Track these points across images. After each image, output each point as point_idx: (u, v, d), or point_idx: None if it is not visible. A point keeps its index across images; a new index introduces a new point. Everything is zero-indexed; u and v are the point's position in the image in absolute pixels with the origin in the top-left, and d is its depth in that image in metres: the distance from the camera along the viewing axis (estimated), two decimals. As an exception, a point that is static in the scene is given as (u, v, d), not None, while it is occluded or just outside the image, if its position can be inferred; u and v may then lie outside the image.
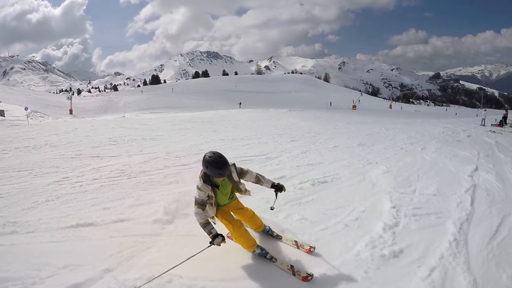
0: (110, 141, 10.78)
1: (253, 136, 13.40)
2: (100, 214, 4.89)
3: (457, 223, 4.91)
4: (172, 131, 14.60)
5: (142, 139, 11.53)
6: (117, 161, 8.14)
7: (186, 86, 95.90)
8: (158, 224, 4.60)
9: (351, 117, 28.80)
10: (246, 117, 23.92)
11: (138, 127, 15.85)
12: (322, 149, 10.53)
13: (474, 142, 14.80)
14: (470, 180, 7.48)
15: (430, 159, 9.51)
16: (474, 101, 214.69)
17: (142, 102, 57.23)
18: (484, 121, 26.62)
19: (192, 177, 6.81)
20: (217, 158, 3.39)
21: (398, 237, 4.40)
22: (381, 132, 16.71)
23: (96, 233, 4.34)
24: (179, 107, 49.33)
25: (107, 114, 42.29)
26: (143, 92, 79.41)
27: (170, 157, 8.72)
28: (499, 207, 5.84)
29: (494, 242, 4.47)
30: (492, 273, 3.74)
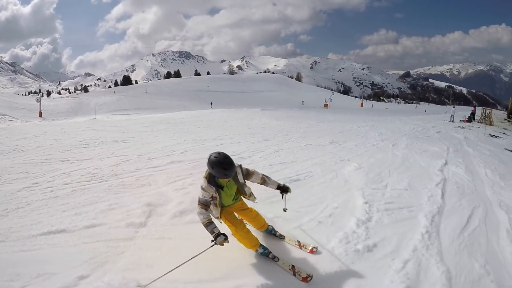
0: (81, 144, 10.48)
1: (225, 136, 13.34)
2: (72, 220, 4.73)
3: (429, 216, 5.07)
4: (144, 132, 14.33)
5: (114, 141, 11.26)
6: (88, 164, 7.92)
7: (158, 87, 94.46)
8: (131, 228, 4.52)
9: (323, 116, 29.11)
10: (219, 117, 23.80)
11: (109, 129, 15.46)
12: (294, 148, 10.59)
13: (443, 137, 15.31)
14: (440, 174, 7.75)
15: (401, 155, 9.74)
16: (443, 99, 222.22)
17: (113, 103, 56.06)
18: (453, 118, 27.54)
19: (165, 179, 6.77)
20: (222, 159, 3.38)
21: (372, 232, 4.48)
22: (353, 129, 16.96)
23: (68, 239, 4.21)
24: (151, 108, 48.62)
25: (78, 116, 41.15)
26: (115, 93, 77.50)
27: (142, 159, 8.57)
28: (469, 199, 6.09)
29: (465, 233, 4.65)
30: (465, 263, 3.88)
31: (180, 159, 8.52)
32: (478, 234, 4.64)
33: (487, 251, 4.22)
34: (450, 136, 16.07)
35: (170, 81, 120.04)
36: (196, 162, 8.22)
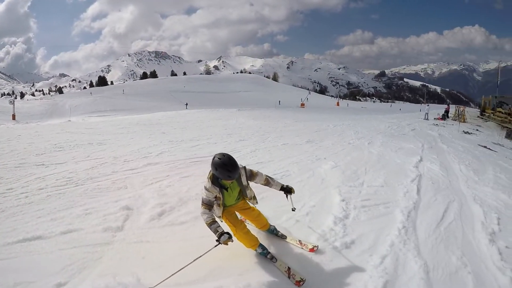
0: (56, 148, 10.14)
1: (202, 137, 13.22)
2: (48, 226, 4.56)
3: (405, 212, 5.18)
4: (120, 134, 14.03)
5: (89, 144, 10.98)
6: (63, 168, 7.68)
7: (134, 88, 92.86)
8: (108, 232, 4.41)
9: (300, 115, 29.27)
10: (195, 117, 23.58)
11: (84, 131, 15.05)
12: (271, 147, 10.60)
13: (418, 135, 15.72)
14: (415, 170, 7.94)
15: (377, 153, 9.92)
16: (418, 97, 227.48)
17: (89, 104, 54.65)
18: (427, 115, 28.25)
19: (141, 181, 6.65)
20: (226, 160, 3.36)
21: (349, 229, 4.53)
22: (329, 128, 17.13)
23: (45, 246, 4.05)
24: (127, 109, 47.72)
25: (52, 118, 39.99)
26: (92, 94, 75.71)
27: (118, 161, 8.39)
28: (444, 194, 6.27)
29: (441, 227, 4.79)
30: (441, 256, 3.99)
31: (156, 161, 8.40)
32: (454, 228, 4.79)
33: (463, 243, 4.35)
34: (424, 134, 16.51)
35: (146, 82, 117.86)
36: (173, 164, 8.12)
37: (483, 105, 34.29)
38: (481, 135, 19.74)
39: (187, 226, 4.62)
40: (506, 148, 16.07)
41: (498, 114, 29.83)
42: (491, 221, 5.11)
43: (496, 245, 4.31)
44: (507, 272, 3.72)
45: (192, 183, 6.46)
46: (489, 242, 4.38)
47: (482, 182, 7.59)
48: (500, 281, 3.61)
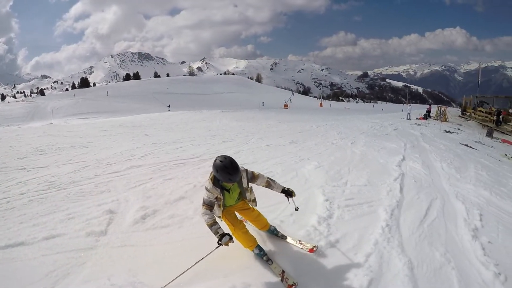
0: (37, 151, 9.94)
1: (185, 138, 13.13)
2: (31, 231, 4.46)
3: (388, 210, 5.24)
4: (103, 137, 13.84)
5: (71, 147, 10.78)
6: (45, 172, 7.52)
7: (117, 89, 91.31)
8: (91, 237, 4.35)
9: (283, 116, 29.34)
10: (179, 119, 23.43)
11: (66, 134, 14.80)
12: (255, 149, 10.62)
13: (400, 134, 15.92)
14: (398, 169, 8.04)
15: (360, 153, 10.00)
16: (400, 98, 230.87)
17: (71, 107, 53.40)
18: (410, 115, 28.68)
19: (125, 184, 6.57)
20: (228, 163, 3.37)
21: (333, 228, 4.55)
22: (312, 129, 17.19)
23: (27, 252, 3.97)
24: (109, 112, 46.89)
25: (34, 121, 38.96)
26: (75, 96, 74.09)
27: (101, 165, 8.27)
28: (426, 192, 6.38)
29: (424, 224, 4.86)
30: (425, 253, 4.06)
31: (139, 164, 8.31)
32: (437, 225, 4.88)
33: (447, 240, 4.43)
34: (407, 133, 16.74)
35: (129, 83, 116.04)
36: (156, 166, 8.05)
37: (464, 105, 34.91)
38: (462, 134, 20.12)
39: (171, 229, 4.59)
40: (487, 146, 16.43)
41: (479, 113, 30.51)
42: (474, 217, 5.22)
43: (479, 240, 4.40)
44: (490, 267, 3.80)
45: (176, 186, 6.44)
46: (472, 238, 4.47)
47: (464, 180, 7.76)
48: (484, 275, 3.69)
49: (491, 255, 4.07)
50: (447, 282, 3.55)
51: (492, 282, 3.60)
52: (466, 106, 33.94)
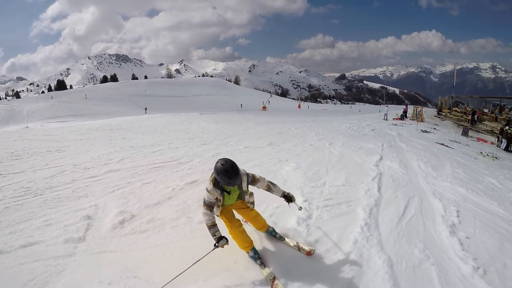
0: (13, 156, 9.62)
1: (163, 141, 12.97)
2: (7, 239, 4.34)
3: (367, 209, 5.30)
4: (80, 141, 13.50)
5: (48, 151, 10.48)
6: (21, 178, 7.29)
7: (94, 92, 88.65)
8: (69, 244, 4.25)
9: (262, 118, 29.34)
10: (157, 122, 23.10)
11: (43, 138, 14.37)
12: (233, 151, 10.61)
13: (378, 135, 16.16)
14: (376, 169, 8.16)
15: (337, 153, 10.08)
16: (377, 99, 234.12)
17: (47, 110, 51.84)
18: (387, 116, 29.14)
19: (102, 189, 6.44)
20: (229, 167, 3.44)
21: (312, 228, 4.58)
22: (291, 130, 17.23)
23: (5, 261, 3.87)
24: (87, 115, 45.91)
25: (9, 125, 37.75)
26: (53, 98, 72.00)
27: (78, 169, 8.07)
28: (404, 191, 6.49)
29: (403, 222, 4.96)
30: (404, 250, 4.13)
31: (117, 168, 8.16)
32: (415, 222, 4.98)
33: (425, 237, 4.52)
34: (384, 133, 17.00)
35: (106, 86, 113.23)
36: (134, 170, 7.92)
37: (440, 105, 35.67)
38: (438, 133, 20.58)
39: (150, 234, 4.54)
40: (463, 145, 16.87)
41: (454, 113, 31.31)
42: (451, 214, 5.36)
43: (457, 236, 4.52)
44: (469, 261, 3.91)
45: (154, 190, 6.37)
46: (449, 234, 4.58)
47: (441, 178, 7.94)
48: (463, 270, 3.79)
49: (469, 250, 4.18)
50: (427, 278, 3.62)
51: (471, 276, 3.69)
52: (441, 106, 34.70)
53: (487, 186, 8.00)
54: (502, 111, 30.25)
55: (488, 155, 14.54)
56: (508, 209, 6.18)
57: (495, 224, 5.26)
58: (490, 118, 28.85)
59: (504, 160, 14.38)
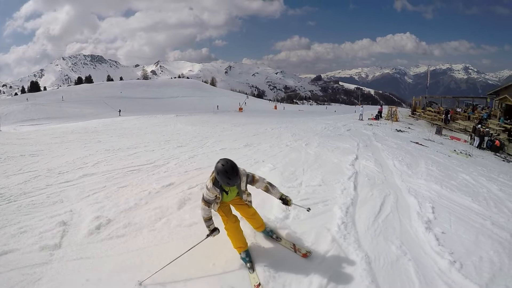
0: None
1: (139, 144, 12.79)
2: None
3: (343, 208, 5.34)
4: (54, 144, 13.16)
5: (21, 156, 10.15)
6: None
7: (68, 94, 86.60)
8: (45, 251, 4.13)
9: (238, 119, 29.35)
10: (132, 124, 22.78)
11: (16, 142, 13.93)
12: (209, 153, 10.55)
13: (353, 134, 16.38)
14: (351, 168, 8.25)
15: (314, 153, 10.15)
16: (352, 99, 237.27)
17: (21, 112, 50.22)
18: (362, 116, 29.60)
19: (78, 194, 6.29)
20: (228, 168, 3.50)
21: (290, 228, 4.52)
22: (267, 131, 17.31)
23: None
24: (61, 117, 44.81)
25: None
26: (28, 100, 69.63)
27: (53, 174, 7.86)
28: (380, 189, 6.58)
29: (379, 219, 5.02)
30: (381, 247, 4.18)
31: (92, 172, 7.98)
32: (392, 219, 5.05)
33: (401, 233, 4.59)
34: (359, 133, 17.25)
35: (81, 87, 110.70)
36: (110, 174, 7.78)
37: (414, 105, 36.39)
38: (412, 133, 21.03)
39: (127, 239, 4.47)
40: (436, 143, 17.28)
41: (428, 112, 32.04)
42: (426, 210, 5.47)
43: (433, 232, 4.61)
44: (445, 256, 3.99)
45: (130, 193, 6.28)
46: (425, 229, 4.66)
47: (416, 175, 8.10)
48: (440, 264, 3.87)
49: (445, 245, 4.27)
50: (405, 274, 3.66)
51: (448, 270, 3.76)
52: (416, 106, 35.42)
53: (461, 182, 8.20)
54: (474, 110, 31.25)
55: (461, 152, 14.92)
56: (482, 204, 6.38)
57: (469, 219, 5.40)
58: (463, 117, 29.68)
59: (477, 157, 14.80)
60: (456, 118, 29.05)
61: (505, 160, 17.28)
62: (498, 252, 4.25)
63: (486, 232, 4.89)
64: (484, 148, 19.55)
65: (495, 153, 18.93)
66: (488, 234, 4.80)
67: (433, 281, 3.59)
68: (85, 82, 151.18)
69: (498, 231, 4.97)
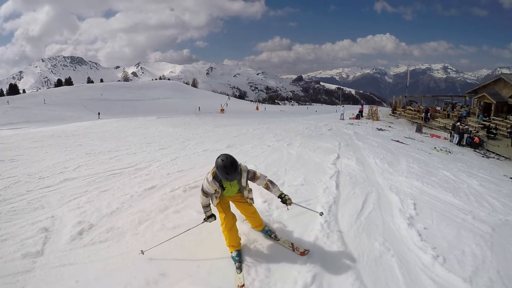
0: None
1: (121, 147, 12.63)
2: None
3: (326, 206, 5.37)
4: (34, 149, 12.86)
5: (0, 161, 9.90)
6: None
7: (48, 96, 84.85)
8: (28, 259, 4.00)
9: (220, 121, 29.35)
10: (114, 127, 22.49)
11: None
12: (191, 155, 10.48)
13: (335, 134, 16.52)
14: (333, 167, 8.30)
15: (296, 153, 10.17)
16: (334, 99, 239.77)
17: None
18: (343, 116, 29.89)
19: (59, 199, 6.12)
20: (228, 164, 3.59)
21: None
22: (249, 132, 17.35)
23: None
24: (41, 121, 43.82)
25: None
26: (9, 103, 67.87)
27: (33, 179, 7.66)
28: (362, 187, 6.64)
29: (362, 217, 5.06)
30: (365, 244, 4.21)
31: (73, 176, 7.82)
32: (374, 216, 5.09)
33: (384, 230, 4.64)
34: (341, 133, 17.40)
35: (61, 90, 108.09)
36: (91, 178, 7.62)
37: (394, 104, 36.99)
38: (393, 131, 21.34)
39: (110, 244, 4.37)
40: (417, 141, 17.56)
41: (408, 111, 32.69)
42: (408, 207, 5.54)
43: (415, 227, 4.67)
44: (428, 251, 4.05)
45: (112, 197, 6.16)
46: (408, 226, 4.72)
47: (397, 173, 8.20)
48: (423, 259, 3.92)
49: (428, 240, 4.33)
50: (389, 269, 3.69)
51: (431, 265, 3.81)
52: (396, 105, 36.00)
53: (441, 178, 8.35)
54: (453, 108, 32.03)
55: (441, 149, 15.20)
56: (463, 199, 6.51)
57: (451, 214, 5.49)
58: (442, 115, 30.36)
59: (457, 154, 15.11)
60: (435, 116, 29.74)
61: (484, 156, 17.71)
62: (480, 245, 4.33)
63: (467, 226, 4.98)
64: (463, 145, 19.98)
65: (474, 149, 19.37)
66: (469, 228, 4.89)
67: (417, 276, 3.61)
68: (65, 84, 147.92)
69: (480, 224, 5.08)
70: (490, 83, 30.28)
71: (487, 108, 29.07)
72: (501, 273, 3.74)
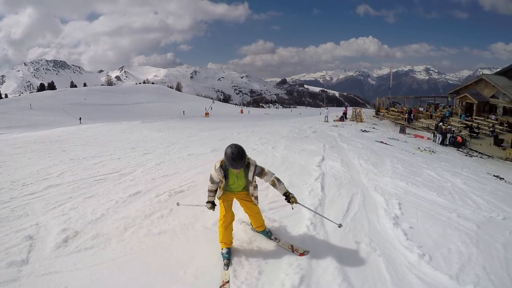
0: None
1: (105, 152, 12.48)
2: None
3: (312, 208, 5.27)
4: (17, 155, 12.63)
5: None
6: None
7: (31, 101, 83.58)
8: (13, 268, 3.91)
9: (204, 124, 29.35)
10: (97, 132, 22.29)
11: None
12: (176, 159, 10.43)
13: (319, 136, 16.62)
14: (318, 169, 8.33)
15: (280, 156, 10.22)
16: (318, 102, 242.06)
17: None
18: (327, 118, 30.16)
19: (43, 206, 6.00)
20: (235, 151, 3.66)
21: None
22: (234, 136, 17.39)
23: None
24: (23, 126, 43.24)
25: None
26: None
27: (16, 186, 7.52)
28: (347, 188, 6.69)
29: (348, 218, 5.09)
30: (351, 245, 4.22)
31: (57, 182, 7.69)
32: (360, 217, 5.13)
33: (370, 230, 4.67)
34: (325, 135, 17.54)
35: (44, 94, 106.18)
36: (75, 184, 7.51)
37: (377, 106, 37.46)
38: (377, 132, 21.59)
39: (96, 250, 4.29)
40: (401, 141, 17.79)
41: (391, 113, 33.14)
42: (393, 207, 5.60)
43: (401, 227, 4.71)
44: (414, 249, 4.08)
45: (97, 204, 6.06)
46: (393, 225, 4.76)
47: (381, 174, 8.29)
48: (410, 258, 3.95)
49: (414, 239, 4.37)
50: (376, 269, 3.70)
51: (418, 263, 3.84)
52: (379, 107, 36.45)
53: (426, 178, 8.47)
54: (436, 109, 32.56)
55: (425, 149, 15.42)
56: (447, 198, 6.61)
57: (436, 212, 5.56)
58: (425, 116, 30.82)
59: (441, 153, 15.34)
60: (419, 117, 30.22)
61: (467, 155, 18.03)
62: (466, 243, 4.39)
63: (452, 224, 5.05)
64: (447, 145, 20.32)
65: (457, 148, 19.73)
66: (454, 226, 4.96)
67: (404, 275, 3.63)
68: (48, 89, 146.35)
69: (465, 222, 5.16)
70: (472, 83, 31.04)
71: (469, 108, 29.69)
72: (487, 270, 3.79)
